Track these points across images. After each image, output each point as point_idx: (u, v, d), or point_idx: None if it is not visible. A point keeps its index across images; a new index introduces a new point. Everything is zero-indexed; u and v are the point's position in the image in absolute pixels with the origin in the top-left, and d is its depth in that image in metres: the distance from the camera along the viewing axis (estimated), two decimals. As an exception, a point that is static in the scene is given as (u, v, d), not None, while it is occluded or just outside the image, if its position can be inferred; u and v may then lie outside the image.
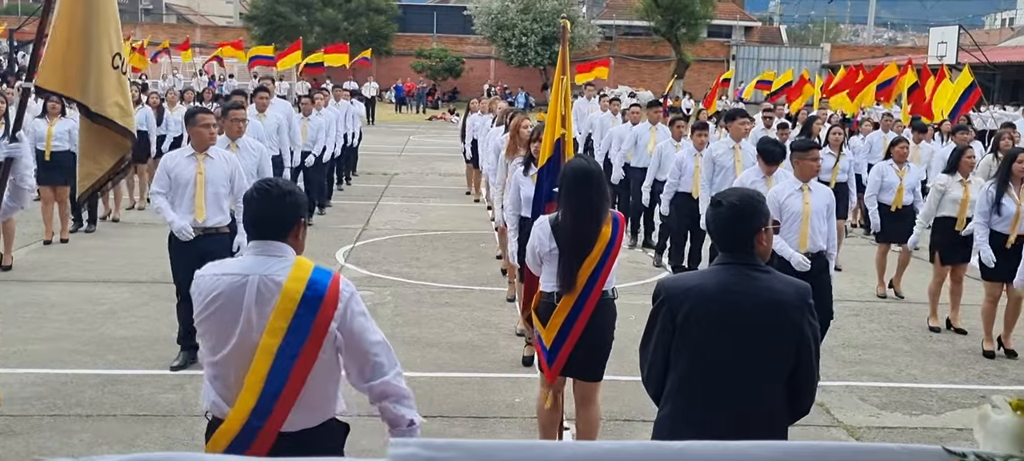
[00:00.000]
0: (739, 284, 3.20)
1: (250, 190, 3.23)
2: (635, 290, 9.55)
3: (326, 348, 3.04)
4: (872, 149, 13.15)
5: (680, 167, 9.67)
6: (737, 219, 3.24)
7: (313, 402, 3.08)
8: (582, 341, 4.73)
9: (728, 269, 3.24)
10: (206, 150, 6.56)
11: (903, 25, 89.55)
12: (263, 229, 3.14)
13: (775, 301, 3.18)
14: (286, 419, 3.02)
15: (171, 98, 15.78)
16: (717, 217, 3.29)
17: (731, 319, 3.18)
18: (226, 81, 34.59)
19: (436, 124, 38.57)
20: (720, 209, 3.28)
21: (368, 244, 11.73)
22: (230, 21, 63.28)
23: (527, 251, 5.01)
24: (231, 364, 3.07)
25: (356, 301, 3.10)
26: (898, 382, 7.02)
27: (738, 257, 3.24)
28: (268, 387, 2.99)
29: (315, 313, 3.00)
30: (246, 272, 3.07)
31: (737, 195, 3.35)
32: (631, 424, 5.97)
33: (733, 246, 3.25)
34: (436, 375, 6.68)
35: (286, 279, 3.03)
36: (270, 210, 3.13)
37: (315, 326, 3.00)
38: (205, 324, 3.11)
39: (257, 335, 3.01)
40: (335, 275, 3.10)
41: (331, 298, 3.02)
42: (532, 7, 45.36)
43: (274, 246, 3.12)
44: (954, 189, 8.32)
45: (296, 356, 2.99)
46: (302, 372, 3.01)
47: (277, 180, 3.31)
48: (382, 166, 20.66)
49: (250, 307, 3.03)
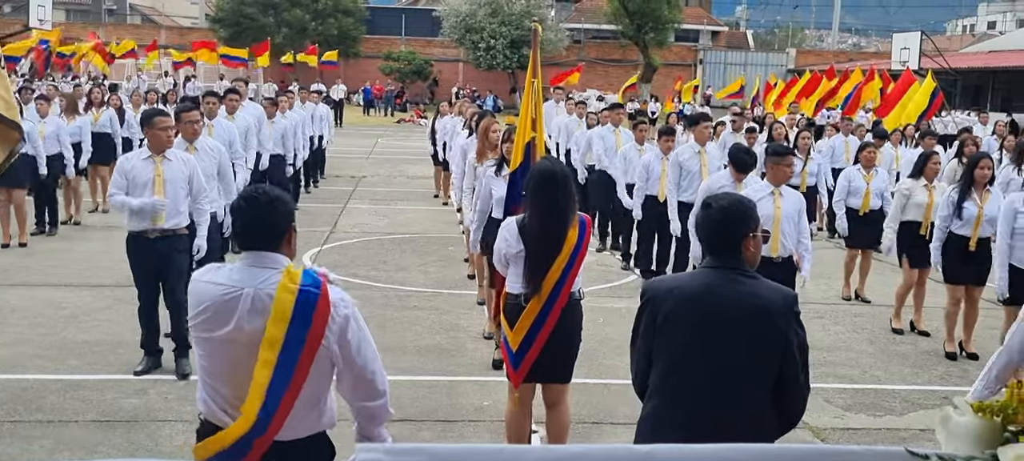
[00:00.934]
0: (722, 287, 3.19)
1: (237, 200, 3.19)
2: (604, 293, 9.58)
3: (320, 359, 3.03)
4: (834, 153, 13.29)
5: (647, 170, 9.72)
6: (726, 222, 3.23)
7: (305, 414, 3.07)
8: (550, 344, 4.73)
9: (713, 272, 3.23)
10: (163, 152, 6.49)
11: (867, 31, 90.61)
12: (254, 239, 3.10)
13: (759, 306, 3.15)
14: (282, 428, 3.01)
15: (135, 100, 15.62)
16: (707, 219, 3.28)
17: (711, 321, 3.16)
18: (190, 83, 34.24)
19: (404, 127, 38.45)
20: (710, 212, 3.27)
21: (335, 247, 11.66)
22: (195, 22, 62.64)
23: (494, 252, 5.01)
24: (220, 372, 3.06)
25: (355, 319, 3.08)
26: (862, 384, 7.09)
27: (724, 261, 3.22)
28: (269, 399, 2.97)
29: (308, 325, 2.98)
30: (239, 286, 3.03)
31: (728, 199, 3.35)
32: (600, 427, 5.98)
33: (720, 249, 3.24)
34: (404, 379, 6.64)
35: (277, 291, 3.00)
36: (259, 218, 3.09)
37: (309, 338, 2.98)
38: (197, 328, 3.10)
39: (247, 348, 2.99)
40: (323, 287, 3.04)
41: (322, 311, 3.00)
42: (500, 10, 45.35)
43: (265, 257, 3.08)
44: (919, 194, 8.44)
45: (292, 367, 2.98)
46: (298, 383, 2.99)
47: (265, 187, 3.25)
48: (350, 169, 20.56)
49: (242, 320, 3.00)
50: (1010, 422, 1.15)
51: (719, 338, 3.15)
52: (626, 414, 6.22)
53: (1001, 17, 78.61)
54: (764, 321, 3.13)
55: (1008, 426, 1.15)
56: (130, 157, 6.70)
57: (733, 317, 3.14)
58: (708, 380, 3.16)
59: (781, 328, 3.12)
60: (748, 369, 3.14)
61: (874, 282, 9.87)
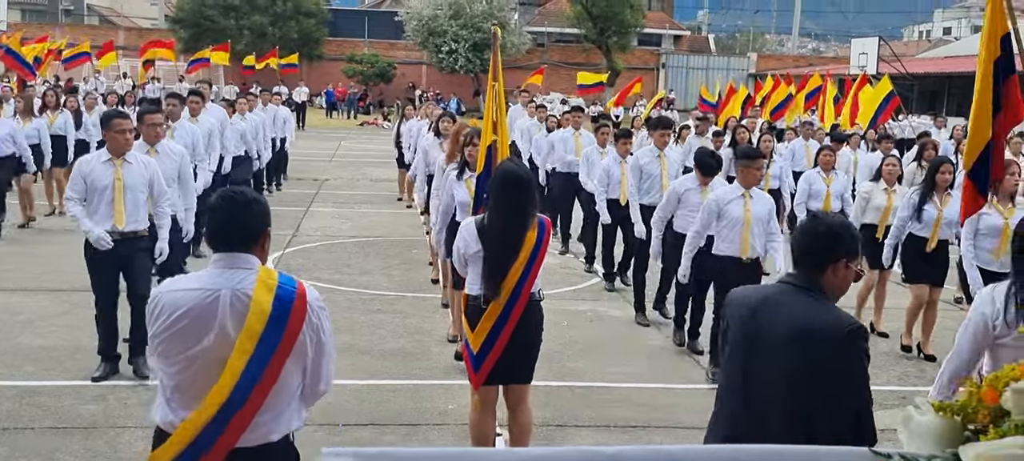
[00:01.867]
0: (780, 302, 3.11)
1: (214, 200, 3.16)
2: (567, 296, 9.60)
3: (292, 361, 3.00)
4: (795, 156, 13.44)
5: (607, 174, 9.74)
6: (818, 239, 3.12)
7: (271, 418, 3.03)
8: (511, 345, 4.73)
9: (783, 286, 3.17)
10: (123, 155, 6.40)
11: (826, 36, 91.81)
12: (229, 240, 3.06)
13: (809, 330, 3.00)
14: (239, 438, 2.96)
15: (89, 102, 15.38)
16: (802, 231, 3.20)
17: (759, 337, 3.11)
18: (150, 84, 33.80)
19: (367, 129, 38.28)
20: (813, 224, 3.18)
21: (298, 251, 11.57)
22: (155, 23, 61.83)
23: (453, 252, 5.01)
24: (195, 381, 2.98)
25: (327, 319, 3.10)
26: (823, 384, 7.17)
27: (798, 277, 3.14)
28: (228, 404, 2.93)
29: (284, 330, 2.96)
30: (215, 287, 2.99)
31: (835, 220, 3.24)
32: (564, 429, 5.99)
33: (800, 264, 3.16)
34: (367, 383, 6.61)
35: (254, 292, 2.97)
36: (235, 220, 3.06)
37: (283, 342, 2.96)
38: (166, 341, 3.00)
39: (230, 351, 2.95)
40: (300, 286, 3.05)
41: (299, 312, 2.99)
42: (463, 13, 45.30)
43: (240, 258, 3.05)
44: (877, 197, 8.57)
45: (260, 374, 2.94)
46: (264, 391, 2.96)
47: (242, 189, 3.24)
48: (313, 172, 20.41)
49: (225, 322, 2.96)
50: (970, 421, 1.17)
51: (761, 351, 3.10)
52: (590, 416, 6.25)
53: (956, 23, 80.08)
54: (810, 344, 2.98)
55: (968, 425, 1.16)
56: (89, 159, 6.59)
57: (778, 333, 3.05)
58: (753, 397, 3.12)
59: (830, 354, 2.96)
60: (783, 386, 3.03)
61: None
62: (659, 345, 8.04)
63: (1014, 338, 3.78)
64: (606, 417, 6.24)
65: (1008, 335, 3.81)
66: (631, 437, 5.94)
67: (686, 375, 7.28)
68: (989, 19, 5.76)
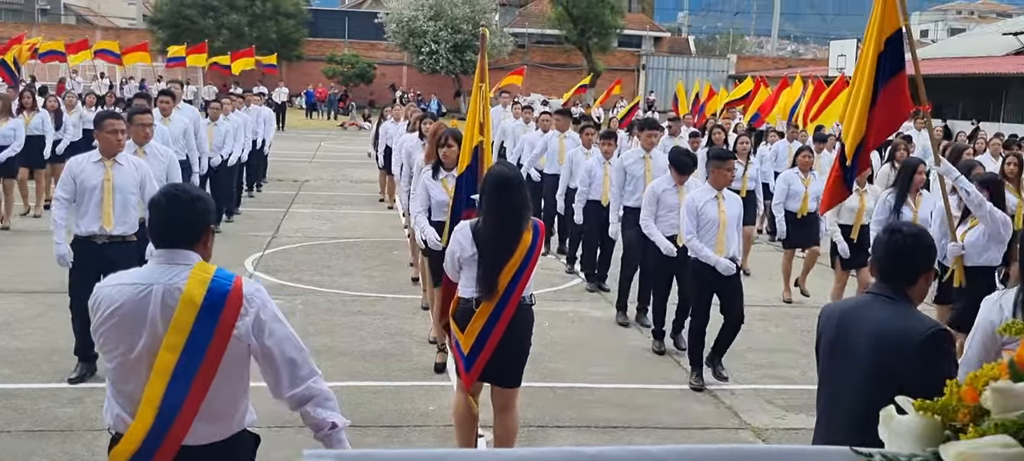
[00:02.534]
0: (864, 311, 3.19)
1: (157, 195, 3.13)
2: (549, 297, 9.61)
3: (231, 356, 2.95)
4: (778, 158, 13.50)
5: (590, 175, 9.75)
6: (904, 253, 3.16)
7: (219, 413, 2.98)
8: (501, 347, 4.72)
9: (869, 296, 3.24)
10: (114, 156, 6.35)
11: (805, 38, 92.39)
12: (170, 236, 3.03)
13: (892, 335, 3.06)
14: (187, 433, 2.91)
15: (69, 101, 15.25)
16: (889, 245, 3.21)
17: (844, 344, 3.22)
18: (127, 84, 33.53)
19: (348, 130, 38.16)
20: (895, 238, 3.21)
21: (278, 252, 11.52)
22: (133, 23, 61.35)
23: (446, 257, 5.00)
24: (133, 378, 2.95)
25: (267, 307, 3.01)
26: (802, 384, 7.21)
27: (883, 287, 3.20)
28: (166, 402, 2.88)
29: (216, 321, 2.91)
30: (148, 282, 2.96)
31: (913, 230, 3.28)
32: (545, 430, 5.99)
33: (887, 276, 3.20)
34: (348, 384, 6.58)
35: (185, 287, 2.93)
36: (178, 216, 3.03)
37: (217, 334, 2.91)
38: (104, 337, 2.98)
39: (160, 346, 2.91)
40: (237, 279, 3.00)
41: (233, 304, 2.93)
42: (443, 14, 45.26)
43: (180, 254, 3.01)
44: (850, 198, 8.62)
45: (197, 368, 2.89)
46: (204, 383, 2.91)
47: (185, 185, 3.22)
48: (293, 173, 20.33)
49: (155, 319, 2.92)
50: (950, 420, 1.18)
51: (847, 362, 3.19)
52: (571, 417, 6.25)
53: (933, 26, 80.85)
54: (892, 350, 3.03)
55: (948, 424, 1.17)
56: (80, 160, 6.51)
57: (859, 341, 3.14)
58: (840, 404, 3.22)
59: (913, 360, 2.99)
60: (864, 393, 3.06)
61: (816, 284, 10.04)
62: (640, 346, 8.06)
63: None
64: (587, 418, 6.25)
65: (1014, 342, 3.78)
66: (612, 438, 5.95)
67: (666, 376, 7.30)
68: (879, 17, 5.83)
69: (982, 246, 6.34)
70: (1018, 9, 64.13)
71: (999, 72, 35.91)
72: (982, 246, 6.34)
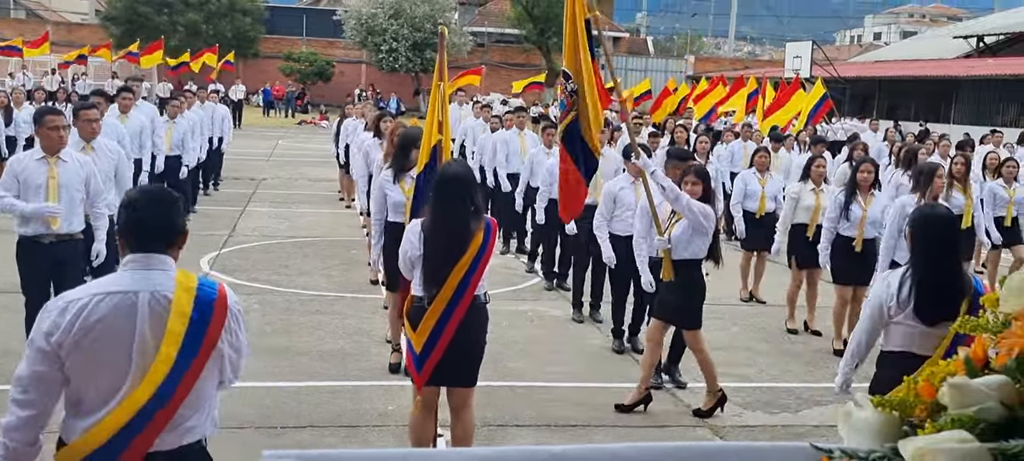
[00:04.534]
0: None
1: (135, 195, 3.06)
2: (508, 296, 9.61)
3: (210, 364, 2.94)
4: (734, 158, 13.64)
5: (550, 174, 9.76)
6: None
7: (187, 421, 2.95)
8: (453, 346, 4.68)
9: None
10: (57, 153, 6.21)
11: (761, 39, 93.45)
12: (148, 239, 2.95)
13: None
14: (153, 442, 2.87)
15: (17, 97, 14.96)
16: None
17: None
18: (80, 81, 32.97)
19: (306, 128, 37.84)
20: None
21: (235, 251, 11.39)
22: (85, 18, 60.30)
23: (399, 256, 4.96)
24: (102, 386, 2.87)
25: (241, 317, 3.07)
26: (759, 382, 7.29)
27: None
28: (146, 409, 2.83)
29: (205, 332, 2.90)
30: (133, 289, 2.88)
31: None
32: (504, 429, 5.99)
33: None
34: (306, 384, 6.53)
35: (174, 296, 2.88)
36: (158, 217, 2.96)
37: (204, 346, 2.90)
38: (80, 353, 2.83)
39: (151, 357, 2.85)
40: (221, 288, 2.99)
41: (219, 314, 2.92)
42: (403, 13, 45.07)
43: (157, 259, 2.94)
44: (806, 197, 8.75)
45: (180, 379, 2.86)
46: (182, 394, 2.88)
47: (162, 187, 3.18)
48: (249, 171, 20.11)
49: (144, 328, 2.85)
50: (908, 416, 1.19)
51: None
52: (530, 416, 6.26)
53: (886, 28, 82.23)
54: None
55: (906, 420, 1.18)
56: (21, 158, 6.38)
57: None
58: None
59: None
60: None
61: (771, 283, 10.16)
62: (599, 345, 8.09)
63: (903, 317, 4.23)
64: (546, 416, 6.26)
65: (899, 315, 4.25)
66: (571, 436, 5.97)
67: (626, 374, 7.33)
68: (571, 9, 5.97)
69: (687, 239, 6.31)
70: (969, 13, 65.46)
71: (950, 75, 36.62)
72: (687, 239, 6.31)
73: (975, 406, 1.09)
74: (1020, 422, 1.07)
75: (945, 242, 4.25)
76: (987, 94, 34.67)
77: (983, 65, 37.17)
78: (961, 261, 4.36)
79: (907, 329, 4.24)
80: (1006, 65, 34.63)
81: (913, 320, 4.20)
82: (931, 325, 4.15)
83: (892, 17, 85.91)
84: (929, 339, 4.14)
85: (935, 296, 4.14)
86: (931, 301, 4.14)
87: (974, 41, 43.54)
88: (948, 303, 4.06)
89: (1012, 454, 1.02)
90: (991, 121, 30.48)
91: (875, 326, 4.38)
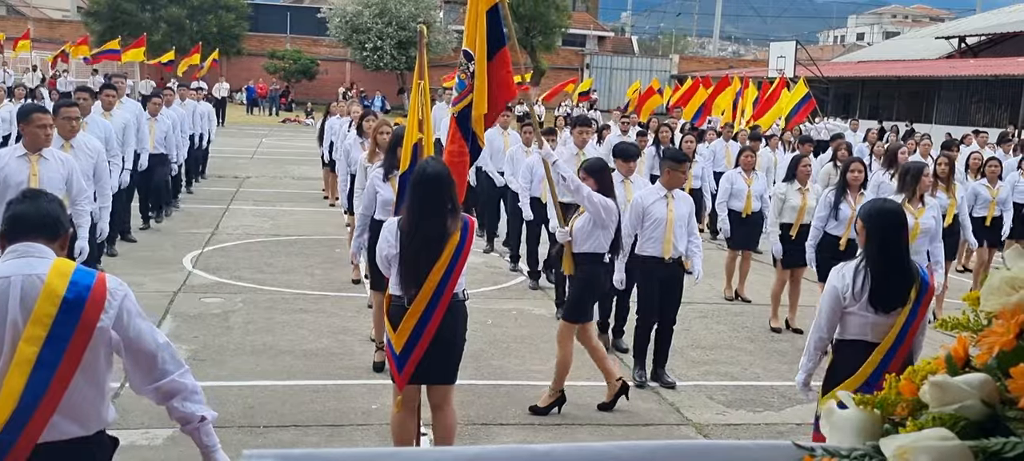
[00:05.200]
0: None
1: (16, 196, 3.12)
2: (492, 295, 9.61)
3: (92, 352, 2.89)
4: (716, 157, 13.68)
5: (531, 172, 9.77)
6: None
7: (78, 411, 2.91)
8: (433, 345, 4.68)
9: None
10: (40, 150, 6.17)
11: (746, 39, 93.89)
12: (28, 230, 2.98)
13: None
14: (43, 431, 2.83)
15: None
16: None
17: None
18: (62, 77, 32.73)
19: (289, 126, 37.72)
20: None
21: (218, 249, 11.33)
22: (66, 14, 59.86)
23: (376, 253, 4.96)
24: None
25: (131, 302, 3.00)
26: (743, 380, 7.32)
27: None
28: (24, 399, 2.79)
29: (79, 316, 2.85)
30: (7, 274, 2.89)
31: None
32: (488, 428, 5.98)
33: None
34: (290, 383, 6.50)
35: (47, 278, 2.87)
36: (38, 211, 3.01)
37: (79, 329, 2.85)
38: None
39: (13, 347, 2.83)
40: (100, 274, 2.97)
41: (97, 299, 2.89)
42: (387, 11, 44.99)
43: (37, 248, 2.96)
44: (793, 197, 8.78)
45: (57, 363, 2.82)
46: (64, 380, 2.84)
47: (44, 191, 3.24)
48: (233, 169, 20.02)
49: (16, 311, 2.85)
50: (889, 414, 1.19)
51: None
52: (515, 414, 6.25)
53: (869, 29, 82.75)
54: None
55: (888, 418, 1.18)
56: (3, 154, 6.32)
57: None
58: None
59: None
60: None
61: (755, 282, 10.20)
62: (583, 343, 8.08)
63: (858, 307, 4.47)
64: (531, 415, 6.25)
65: (854, 305, 4.49)
66: (556, 434, 5.97)
67: (610, 373, 7.34)
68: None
69: (588, 232, 6.29)
70: (951, 14, 65.94)
71: (932, 75, 36.87)
72: (588, 232, 6.29)
73: (956, 404, 1.09)
74: (1001, 420, 1.07)
75: (894, 235, 4.50)
76: (968, 94, 34.94)
77: (965, 65, 37.48)
78: (908, 253, 4.62)
79: (861, 319, 4.49)
80: (987, 66, 34.92)
81: (867, 309, 4.45)
82: (884, 313, 4.43)
83: (875, 17, 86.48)
84: (880, 327, 4.44)
85: (886, 285, 4.41)
86: (883, 290, 4.42)
87: (956, 42, 43.88)
88: (898, 291, 4.41)
89: (992, 452, 1.02)
90: (972, 121, 30.74)
91: (833, 317, 4.60)
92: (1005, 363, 1.09)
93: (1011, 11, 44.72)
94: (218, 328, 7.85)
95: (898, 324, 4.41)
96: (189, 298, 8.73)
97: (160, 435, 5.43)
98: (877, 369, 4.37)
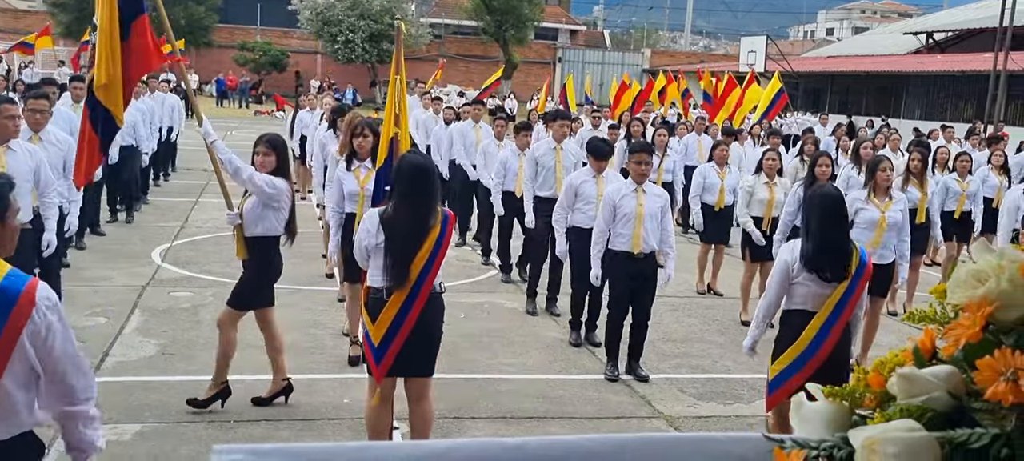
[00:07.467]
0: None
1: None
2: (464, 288, 9.59)
3: (18, 358, 2.76)
4: (688, 151, 13.74)
5: (504, 167, 9.76)
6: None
7: (3, 412, 2.81)
8: (412, 337, 4.70)
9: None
10: (7, 142, 6.10)
11: (717, 34, 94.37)
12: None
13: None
14: None
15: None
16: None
17: None
18: (28, 69, 32.28)
19: (261, 119, 37.41)
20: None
21: (187, 243, 11.23)
22: (32, 5, 59.01)
23: (355, 244, 4.94)
24: None
25: (57, 317, 2.81)
26: (713, 373, 7.36)
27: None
28: None
29: (3, 322, 2.71)
30: None
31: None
32: (461, 421, 5.98)
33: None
34: (260, 378, 6.46)
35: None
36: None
37: (3, 335, 2.71)
38: None
39: None
40: (32, 282, 2.80)
41: (24, 308, 2.73)
42: (359, 4, 44.76)
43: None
44: (760, 190, 8.85)
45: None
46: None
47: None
48: (203, 162, 19.76)
49: None
50: (857, 406, 1.20)
51: None
52: (487, 408, 6.26)
53: (838, 24, 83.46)
54: None
55: (856, 410, 1.20)
56: None
57: None
58: None
59: None
60: None
61: (725, 275, 10.26)
62: (555, 337, 8.11)
63: (804, 278, 5.02)
64: (502, 408, 6.26)
65: (800, 275, 5.05)
66: (527, 428, 5.98)
67: (582, 366, 7.36)
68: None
69: (258, 214, 6.02)
70: (919, 10, 66.66)
71: (901, 70, 37.26)
72: (258, 214, 6.02)
73: (923, 396, 1.10)
74: (967, 411, 1.08)
75: (832, 213, 5.05)
76: (936, 89, 35.34)
77: (932, 61, 37.91)
78: (847, 233, 5.18)
79: (804, 288, 5.06)
80: (955, 61, 35.34)
81: (809, 280, 5.02)
82: (826, 283, 4.98)
83: (845, 13, 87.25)
84: (820, 298, 5.01)
85: (828, 258, 4.98)
86: (825, 262, 4.98)
87: (924, 37, 44.36)
88: (834, 264, 4.97)
89: (958, 442, 1.03)
90: (941, 116, 31.10)
91: (781, 287, 5.17)
92: (971, 355, 1.10)
93: (977, 8, 45.29)
94: (187, 322, 7.78)
95: (836, 295, 4.96)
96: (158, 292, 8.65)
97: (128, 430, 5.38)
98: (817, 335, 4.95)
